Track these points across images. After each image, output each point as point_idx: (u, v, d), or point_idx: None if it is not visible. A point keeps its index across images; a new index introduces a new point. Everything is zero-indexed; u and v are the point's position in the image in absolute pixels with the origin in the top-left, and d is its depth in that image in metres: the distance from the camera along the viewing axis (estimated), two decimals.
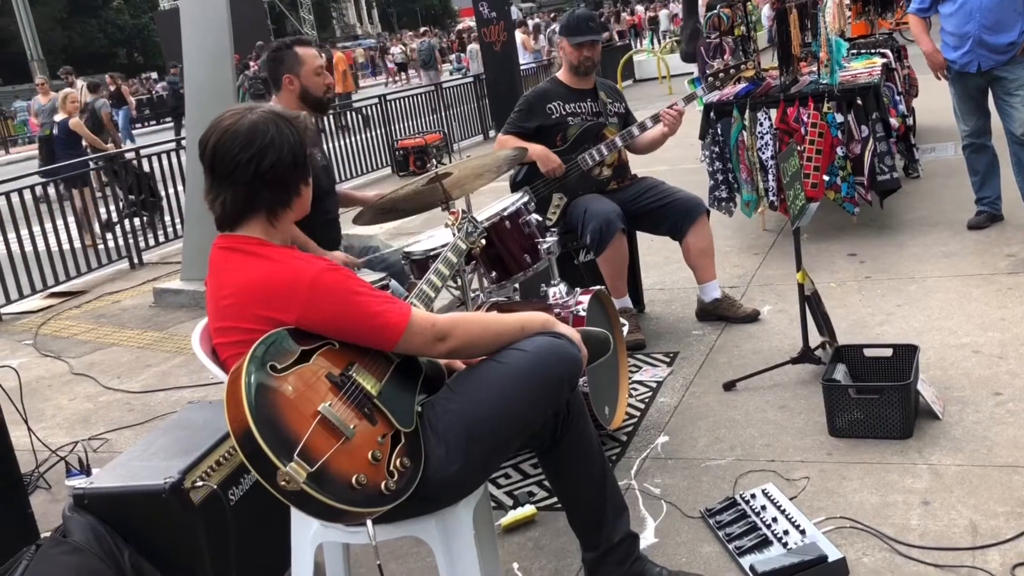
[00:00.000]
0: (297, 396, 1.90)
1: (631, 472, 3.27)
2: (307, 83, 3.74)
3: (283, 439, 1.81)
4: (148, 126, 30.26)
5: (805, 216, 3.73)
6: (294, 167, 2.15)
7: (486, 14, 12.59)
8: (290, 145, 2.13)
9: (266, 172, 2.10)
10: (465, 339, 2.19)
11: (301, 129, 2.18)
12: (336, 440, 1.88)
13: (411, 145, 11.74)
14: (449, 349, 2.17)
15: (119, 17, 52.51)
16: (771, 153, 5.43)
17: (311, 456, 1.82)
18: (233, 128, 2.10)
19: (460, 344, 2.18)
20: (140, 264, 8.48)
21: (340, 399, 1.95)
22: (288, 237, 2.24)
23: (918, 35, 5.35)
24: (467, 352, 2.25)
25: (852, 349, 3.56)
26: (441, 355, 2.20)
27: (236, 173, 2.10)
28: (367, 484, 1.87)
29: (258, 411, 1.82)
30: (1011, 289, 4.37)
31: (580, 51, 4.45)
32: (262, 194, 2.12)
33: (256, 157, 2.08)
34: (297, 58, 3.75)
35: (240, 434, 1.81)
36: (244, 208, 2.14)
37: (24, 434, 4.05)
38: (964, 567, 2.49)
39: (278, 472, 1.77)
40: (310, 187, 2.24)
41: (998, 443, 3.07)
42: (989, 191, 5.29)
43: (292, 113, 2.23)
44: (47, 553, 2.41)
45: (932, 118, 8.12)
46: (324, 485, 1.80)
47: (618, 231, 4.21)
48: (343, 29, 59.12)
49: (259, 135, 2.09)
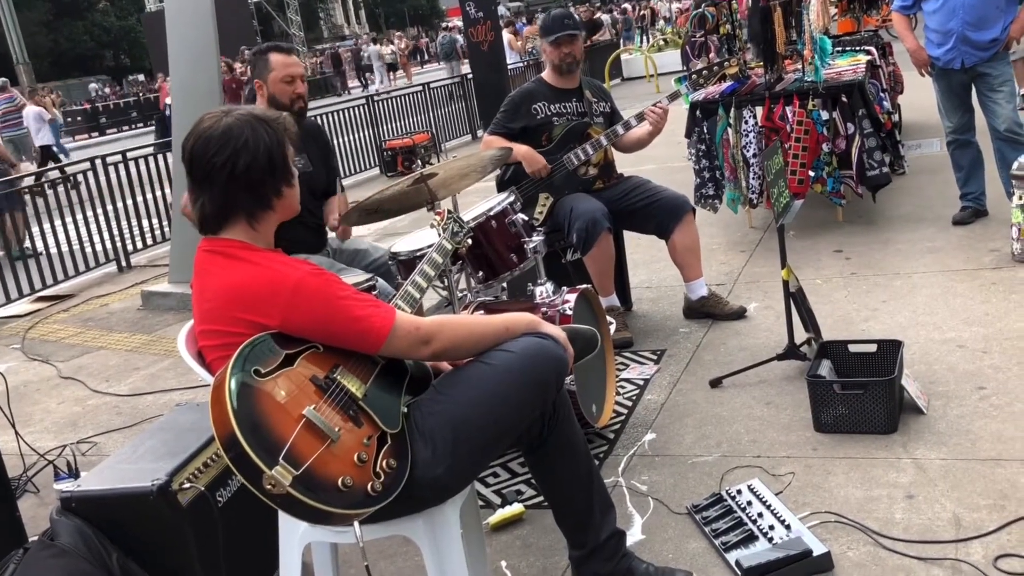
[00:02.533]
0: (282, 400, 1.90)
1: (618, 469, 3.29)
2: (273, 90, 3.76)
3: (268, 443, 1.82)
4: (135, 128, 30.23)
5: (789, 213, 3.76)
6: (271, 169, 2.13)
7: (473, 14, 12.59)
8: (266, 146, 2.11)
9: (241, 175, 2.09)
10: (450, 342, 2.19)
11: (280, 130, 2.16)
12: (321, 443, 1.88)
13: (399, 145, 11.73)
14: (434, 352, 2.17)
15: (105, 19, 52.27)
16: (755, 151, 5.45)
17: (296, 459, 1.82)
18: (209, 131, 2.10)
19: (445, 347, 2.19)
20: (128, 267, 8.46)
21: (325, 402, 1.96)
22: (272, 239, 2.23)
23: (902, 32, 5.38)
24: (452, 355, 2.26)
25: (837, 345, 3.58)
26: (426, 358, 2.21)
27: (212, 176, 2.10)
28: (353, 486, 1.88)
29: (242, 415, 1.82)
30: (995, 284, 4.40)
31: (559, 49, 4.47)
32: (240, 197, 2.12)
33: (230, 159, 2.08)
34: (267, 64, 3.76)
35: (225, 439, 1.82)
36: (223, 211, 2.14)
37: (12, 438, 4.05)
38: (947, 560, 2.51)
39: (264, 476, 1.78)
40: (295, 188, 2.22)
41: (981, 437, 3.10)
42: (974, 187, 5.33)
43: (273, 114, 2.22)
44: (35, 556, 2.42)
45: (918, 114, 8.17)
46: (310, 488, 1.81)
47: (604, 230, 4.23)
48: (330, 30, 59.00)
49: (233, 138, 2.09)
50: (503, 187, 4.45)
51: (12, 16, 34.53)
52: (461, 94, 13.93)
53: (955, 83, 5.15)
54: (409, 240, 3.80)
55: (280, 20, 46.62)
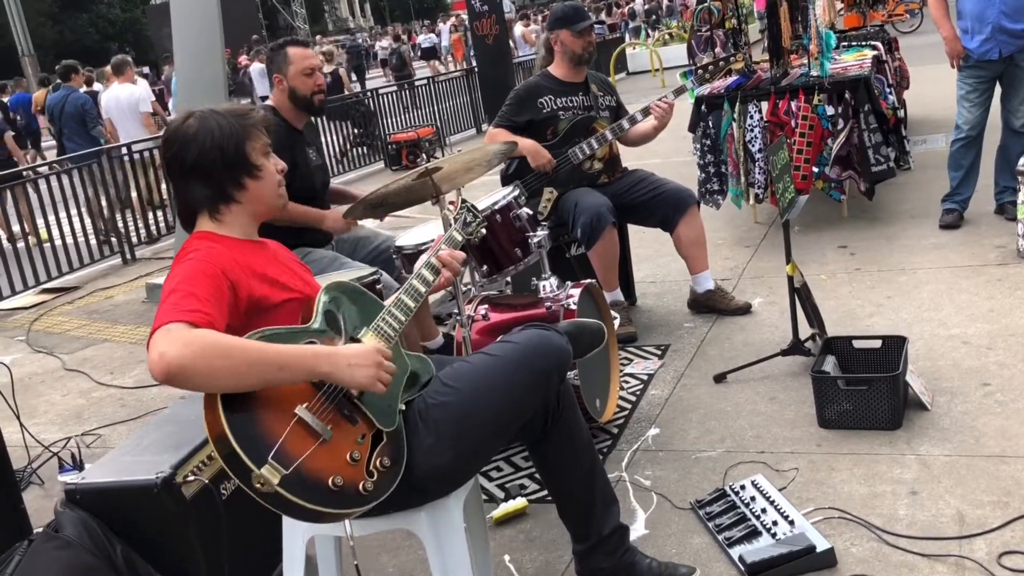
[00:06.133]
0: (274, 398, 1.89)
1: (622, 464, 3.29)
2: (294, 83, 3.77)
3: (258, 441, 1.81)
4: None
5: (795, 209, 3.75)
6: (222, 160, 2.12)
7: (478, 7, 12.57)
8: (215, 139, 2.11)
9: (191, 168, 2.11)
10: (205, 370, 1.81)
11: (243, 124, 2.15)
12: (312, 442, 1.88)
13: (404, 139, 11.72)
14: (168, 373, 1.79)
15: (110, 12, 52.19)
16: (760, 146, 5.44)
17: (286, 458, 1.82)
18: (168, 131, 2.16)
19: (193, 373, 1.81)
20: (133, 260, 8.47)
21: (318, 400, 1.95)
22: (252, 233, 2.23)
23: (939, 19, 5.13)
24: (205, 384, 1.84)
25: (841, 341, 3.58)
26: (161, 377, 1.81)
27: (169, 171, 2.16)
28: (344, 485, 1.87)
29: (233, 414, 1.82)
30: (1000, 280, 4.39)
31: (583, 38, 4.46)
32: (196, 189, 2.14)
33: (179, 153, 2.11)
34: (286, 58, 3.78)
35: (216, 436, 1.82)
36: (187, 205, 2.17)
37: (17, 430, 4.05)
38: (951, 556, 2.51)
39: (252, 475, 1.78)
40: (262, 181, 2.18)
41: (986, 433, 3.09)
42: (967, 190, 5.25)
43: (242, 109, 2.21)
44: (40, 548, 2.42)
45: (923, 110, 8.15)
46: (299, 487, 1.81)
47: (609, 224, 4.22)
48: (335, 23, 58.96)
49: (183, 132, 2.12)
50: (508, 181, 4.44)
51: (18, 8, 34.51)
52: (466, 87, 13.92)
53: (988, 75, 5.02)
54: (414, 233, 3.80)
55: (285, 13, 46.59)
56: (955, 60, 5.10)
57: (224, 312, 1.96)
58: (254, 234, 2.24)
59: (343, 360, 1.96)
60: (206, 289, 1.94)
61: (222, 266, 2.01)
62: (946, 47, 5.10)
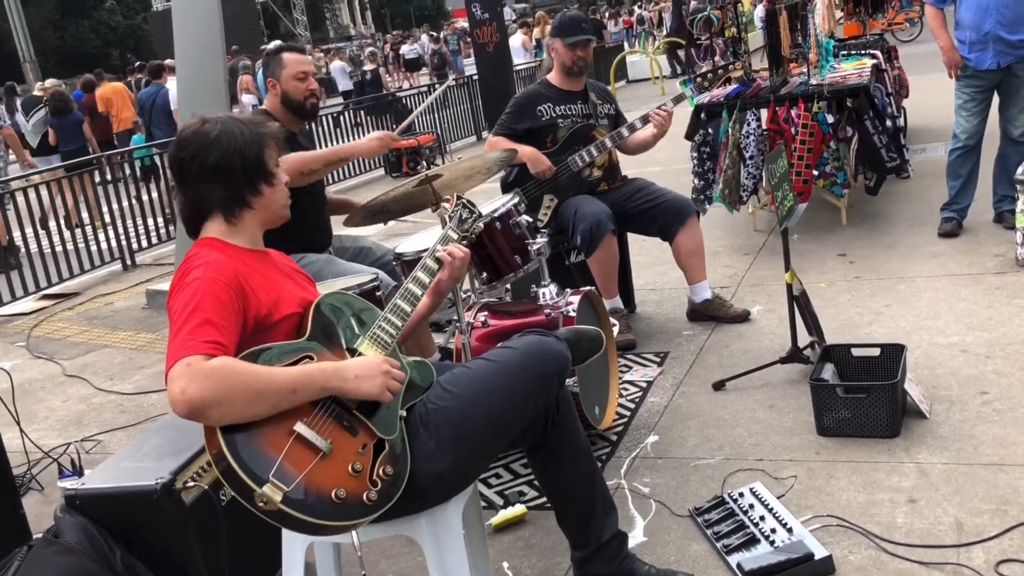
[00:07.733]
0: (272, 415, 1.90)
1: (621, 471, 3.29)
2: (286, 87, 3.79)
3: (257, 461, 1.82)
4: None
5: (793, 217, 3.76)
6: (243, 165, 2.14)
7: (479, 15, 12.60)
8: (238, 144, 2.14)
9: (211, 169, 2.12)
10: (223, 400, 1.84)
11: (257, 132, 2.18)
12: (313, 456, 1.88)
13: (404, 146, 11.72)
14: (191, 408, 1.82)
15: (112, 18, 52.28)
16: (752, 152, 5.45)
17: (287, 475, 1.82)
18: (182, 134, 2.16)
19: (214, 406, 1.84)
20: (133, 266, 8.48)
21: (317, 414, 1.95)
22: (258, 240, 2.24)
23: (936, 29, 5.17)
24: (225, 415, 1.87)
25: (840, 349, 3.58)
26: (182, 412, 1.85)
27: (184, 173, 2.15)
28: (347, 497, 1.88)
29: (231, 433, 1.83)
30: (998, 289, 4.40)
31: (574, 51, 4.46)
32: (213, 191, 2.15)
33: (199, 154, 2.12)
34: (279, 62, 3.80)
35: (214, 455, 1.83)
36: (198, 207, 2.17)
37: (17, 436, 4.06)
38: (949, 564, 2.51)
39: (255, 494, 1.79)
40: (275, 188, 2.22)
41: (984, 442, 3.10)
42: (965, 199, 5.26)
43: (258, 119, 2.25)
44: (39, 554, 2.43)
45: (923, 119, 8.16)
46: (302, 503, 1.81)
47: (608, 232, 4.23)
48: (336, 30, 59.03)
49: (203, 135, 2.13)
50: (507, 189, 4.46)
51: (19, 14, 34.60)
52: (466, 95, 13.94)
53: (985, 85, 5.03)
54: (414, 240, 3.81)
55: (286, 20, 46.69)
56: (953, 70, 5.10)
57: (236, 331, 1.99)
58: (260, 243, 2.26)
59: (350, 373, 1.99)
60: (219, 312, 1.95)
61: (230, 279, 2.03)
62: (943, 57, 5.11)
